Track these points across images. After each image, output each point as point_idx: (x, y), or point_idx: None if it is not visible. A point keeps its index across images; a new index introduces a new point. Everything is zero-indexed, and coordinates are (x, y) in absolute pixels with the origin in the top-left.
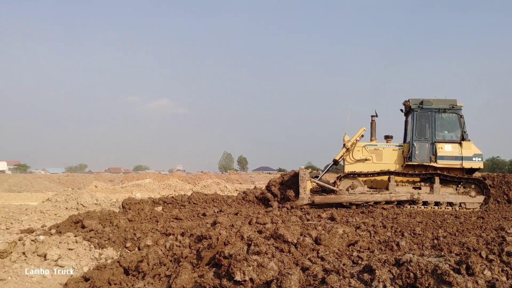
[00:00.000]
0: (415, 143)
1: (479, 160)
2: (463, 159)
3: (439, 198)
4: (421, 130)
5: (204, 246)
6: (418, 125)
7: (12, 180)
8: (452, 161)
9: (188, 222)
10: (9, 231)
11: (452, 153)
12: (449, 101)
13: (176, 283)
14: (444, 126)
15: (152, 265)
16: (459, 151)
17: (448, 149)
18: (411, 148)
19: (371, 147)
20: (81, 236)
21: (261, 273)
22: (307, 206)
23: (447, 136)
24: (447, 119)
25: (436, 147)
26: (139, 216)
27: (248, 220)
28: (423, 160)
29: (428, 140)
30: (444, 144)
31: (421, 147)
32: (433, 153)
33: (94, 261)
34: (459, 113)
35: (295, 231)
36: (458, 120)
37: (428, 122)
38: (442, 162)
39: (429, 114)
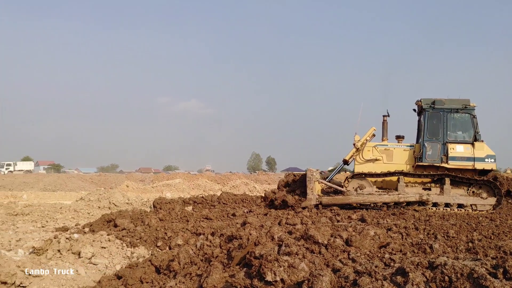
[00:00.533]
0: (426, 144)
1: (492, 161)
2: (475, 160)
3: (449, 199)
4: (433, 130)
5: (235, 246)
6: (429, 125)
7: (47, 179)
8: (463, 162)
9: (218, 222)
10: (44, 229)
11: (464, 154)
12: (462, 101)
13: (207, 283)
14: (456, 127)
15: (183, 264)
16: (471, 152)
17: (460, 149)
18: (422, 149)
19: (381, 147)
20: (114, 234)
21: (292, 273)
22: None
23: (459, 137)
24: (460, 119)
25: (447, 147)
26: (170, 215)
27: (277, 221)
28: (434, 161)
29: (440, 140)
30: (456, 144)
31: (432, 147)
32: (445, 153)
33: (126, 259)
34: (472, 113)
35: (325, 232)
36: (470, 120)
37: (440, 122)
38: (453, 163)
39: (441, 114)
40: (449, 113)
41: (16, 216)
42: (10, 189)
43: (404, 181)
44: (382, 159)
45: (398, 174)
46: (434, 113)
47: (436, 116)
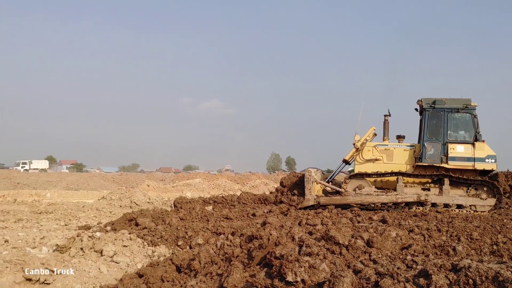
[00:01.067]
0: (426, 144)
1: (493, 162)
2: (475, 160)
3: (448, 200)
4: (433, 130)
5: (255, 246)
6: (429, 125)
7: (69, 178)
8: (463, 162)
9: (238, 222)
10: (67, 227)
11: (464, 154)
12: (463, 100)
13: (228, 282)
14: (457, 126)
15: (204, 264)
16: (472, 152)
17: (460, 150)
18: (421, 149)
19: (381, 147)
20: (135, 233)
21: (313, 274)
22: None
23: (459, 137)
24: (460, 119)
25: (447, 147)
26: (190, 215)
27: (298, 221)
28: (433, 161)
29: (440, 140)
30: (456, 144)
31: (432, 147)
32: (445, 154)
33: (147, 258)
34: (473, 113)
35: (346, 233)
36: (471, 120)
37: (440, 122)
38: (453, 163)
39: (442, 114)
40: (449, 113)
41: (40, 214)
42: (34, 187)
43: (403, 182)
44: (382, 159)
45: (397, 174)
46: (435, 113)
47: (437, 116)
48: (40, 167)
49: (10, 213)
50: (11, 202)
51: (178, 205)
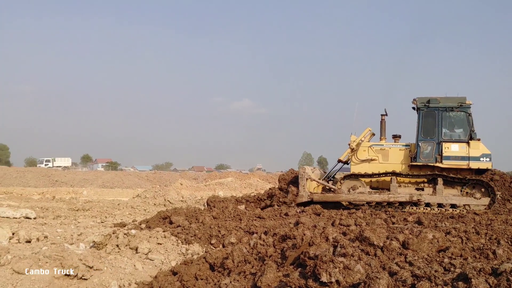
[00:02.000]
0: (420, 143)
1: (487, 160)
2: (470, 159)
3: (442, 199)
4: (427, 129)
5: (289, 246)
6: (424, 125)
7: (105, 176)
8: (458, 162)
9: (271, 221)
10: (103, 225)
11: (459, 153)
12: (457, 99)
13: (262, 281)
14: (451, 125)
15: (237, 263)
16: (467, 151)
17: (455, 149)
18: (416, 148)
19: (377, 147)
20: (169, 231)
21: (348, 275)
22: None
23: (454, 135)
24: (455, 117)
25: (442, 147)
26: (223, 214)
27: (331, 222)
28: (428, 161)
29: (434, 139)
30: (450, 143)
31: (427, 147)
32: (439, 153)
33: (181, 256)
34: (467, 111)
35: (381, 234)
36: (466, 119)
37: (435, 121)
38: (447, 162)
39: (436, 112)
40: (444, 112)
41: (77, 211)
42: (71, 185)
43: (397, 181)
44: (378, 159)
45: (390, 174)
46: (429, 112)
47: (431, 115)
48: (63, 165)
49: (49, 210)
50: (49, 199)
51: (211, 204)
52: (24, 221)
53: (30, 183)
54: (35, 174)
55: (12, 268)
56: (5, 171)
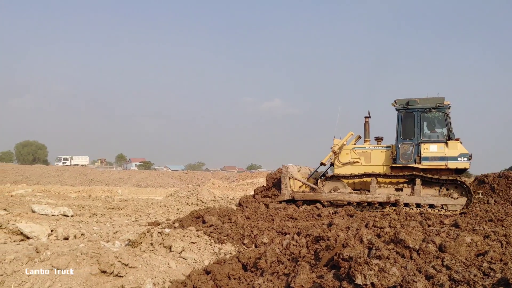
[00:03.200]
0: (400, 145)
1: (465, 160)
2: (448, 159)
3: (420, 200)
4: (407, 131)
5: (322, 247)
6: (403, 126)
7: (139, 176)
8: (436, 162)
9: (303, 222)
10: (138, 223)
11: (437, 153)
12: (436, 99)
13: (295, 282)
14: (430, 126)
15: (270, 263)
16: (445, 151)
17: (433, 149)
18: (396, 150)
19: (359, 149)
20: (202, 230)
21: (383, 278)
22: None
23: (433, 136)
24: (434, 118)
25: (421, 147)
26: (255, 214)
27: (364, 223)
28: (407, 162)
29: (413, 140)
30: (429, 144)
31: (406, 148)
32: (418, 154)
33: (214, 255)
34: (445, 111)
35: (417, 237)
36: (444, 119)
37: (414, 123)
38: (426, 163)
39: (415, 114)
40: (422, 113)
41: (113, 210)
42: (107, 184)
43: (377, 182)
44: (361, 161)
45: (370, 175)
46: (408, 113)
47: (410, 116)
48: (80, 163)
49: (85, 208)
50: (86, 197)
51: (243, 204)
52: (62, 218)
53: (67, 182)
54: (72, 173)
55: (51, 264)
56: (43, 170)
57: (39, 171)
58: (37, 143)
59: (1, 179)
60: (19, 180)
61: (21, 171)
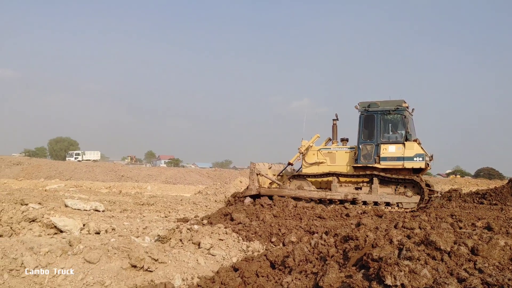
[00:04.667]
0: (361, 146)
1: (420, 160)
2: (404, 159)
3: (377, 198)
4: (368, 132)
5: (351, 246)
6: (364, 128)
7: (168, 173)
8: (394, 162)
9: (331, 222)
10: (167, 219)
11: (395, 154)
12: (395, 102)
13: (324, 281)
14: (389, 128)
15: (298, 261)
16: (402, 151)
17: (392, 150)
18: (357, 150)
19: (325, 150)
20: (230, 228)
21: (413, 279)
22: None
23: (391, 137)
24: (393, 120)
25: (380, 148)
26: (283, 212)
27: (393, 224)
28: (368, 162)
29: (374, 141)
30: (388, 145)
31: (367, 149)
32: (378, 154)
33: (242, 252)
34: (403, 113)
35: (448, 239)
36: (402, 121)
37: (374, 124)
38: (384, 163)
39: (375, 116)
40: (382, 115)
41: (143, 206)
42: (136, 180)
43: (339, 181)
44: (326, 162)
45: (331, 175)
46: (369, 115)
47: (371, 119)
48: (92, 158)
49: (116, 204)
50: (116, 193)
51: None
52: (94, 213)
53: (98, 178)
54: (103, 169)
55: (83, 258)
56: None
57: (71, 166)
58: (69, 139)
59: (36, 174)
60: (52, 175)
61: (55, 166)
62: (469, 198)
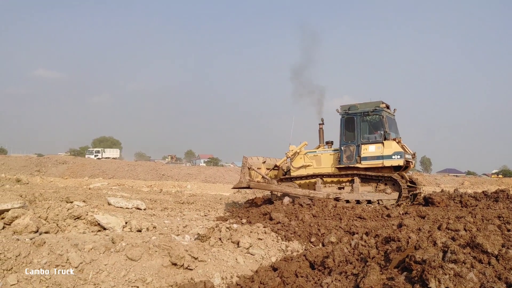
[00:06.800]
0: (343, 147)
1: (399, 158)
2: (383, 158)
3: (358, 196)
4: (348, 134)
5: (392, 248)
6: (345, 130)
7: (207, 172)
8: (374, 161)
9: (372, 222)
10: (207, 218)
11: (375, 153)
12: (373, 103)
13: (365, 283)
14: (368, 128)
15: (338, 262)
16: (381, 150)
17: (372, 149)
18: (340, 152)
19: (311, 154)
20: (269, 227)
21: (459, 283)
22: None
23: (371, 138)
24: (372, 121)
25: (361, 148)
26: (322, 212)
27: (436, 225)
28: (349, 162)
29: (354, 142)
30: (368, 145)
31: (349, 150)
32: (359, 154)
33: (281, 252)
34: (381, 114)
35: (495, 242)
36: (380, 121)
37: (354, 126)
38: (365, 162)
39: (355, 118)
40: (361, 116)
41: (183, 204)
42: (177, 179)
43: (322, 182)
44: (313, 165)
45: (315, 176)
46: (349, 118)
47: (351, 121)
48: (112, 156)
49: (157, 202)
50: (157, 191)
51: (310, 202)
52: (135, 211)
53: (140, 176)
54: (145, 168)
55: (126, 255)
56: (118, 165)
57: (114, 165)
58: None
59: (80, 173)
60: (96, 174)
61: (98, 165)
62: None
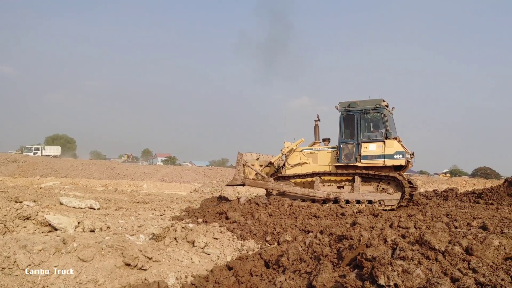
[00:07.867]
0: (342, 145)
1: (400, 157)
2: (385, 157)
3: (359, 196)
4: (348, 132)
5: (345, 246)
6: (345, 128)
7: (164, 171)
8: (375, 160)
9: (327, 221)
10: (162, 218)
11: (376, 152)
12: (374, 101)
13: (317, 281)
14: (369, 126)
15: (292, 261)
16: (383, 149)
17: (372, 148)
18: (339, 150)
19: (307, 151)
20: (225, 226)
21: (407, 279)
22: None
23: (372, 136)
24: (372, 119)
25: (361, 147)
26: (278, 211)
27: (389, 223)
28: (349, 161)
29: (354, 141)
30: (369, 143)
31: (348, 148)
32: (359, 153)
33: (236, 251)
34: (382, 112)
35: (442, 238)
36: (381, 119)
37: (355, 124)
38: (365, 161)
39: (355, 115)
40: (362, 114)
41: (138, 204)
42: (132, 178)
43: (320, 181)
44: (309, 162)
45: (313, 175)
46: (349, 115)
47: (351, 118)
48: (52, 153)
49: (111, 201)
50: (112, 191)
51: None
52: (89, 211)
53: (95, 175)
54: (99, 167)
55: (77, 256)
56: (71, 163)
57: (67, 164)
58: (66, 136)
59: (31, 172)
60: (48, 173)
61: (50, 164)
62: (466, 197)
